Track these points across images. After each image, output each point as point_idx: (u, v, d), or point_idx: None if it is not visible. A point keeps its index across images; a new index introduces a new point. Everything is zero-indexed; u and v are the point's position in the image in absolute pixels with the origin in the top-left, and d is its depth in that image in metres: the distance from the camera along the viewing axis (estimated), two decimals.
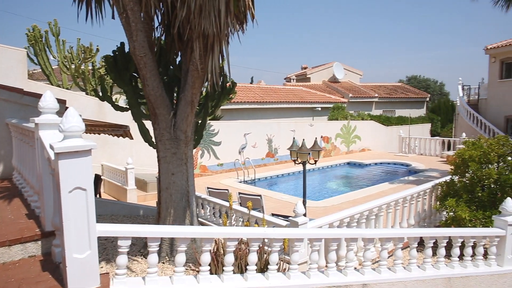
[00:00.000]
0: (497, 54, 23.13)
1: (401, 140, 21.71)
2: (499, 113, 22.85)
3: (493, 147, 8.04)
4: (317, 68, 31.91)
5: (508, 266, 5.57)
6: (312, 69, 32.23)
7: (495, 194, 7.77)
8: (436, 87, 44.65)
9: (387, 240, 4.72)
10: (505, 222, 5.45)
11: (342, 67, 31.33)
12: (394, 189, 12.45)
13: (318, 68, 31.74)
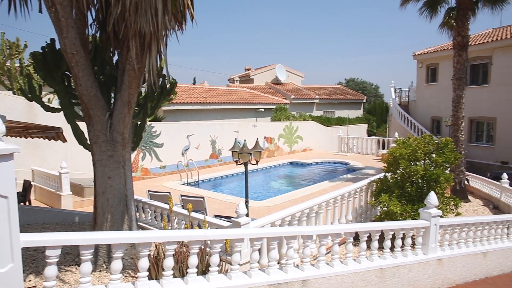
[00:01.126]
0: (424, 60, 25.07)
1: (340, 140, 22.69)
2: (426, 114, 24.78)
3: (420, 146, 8.71)
4: (260, 69, 32.35)
5: (432, 254, 6.06)
6: (256, 70, 32.61)
7: (422, 189, 8.41)
8: (372, 89, 47.31)
9: (325, 236, 4.92)
10: (429, 214, 5.92)
11: (285, 69, 32.06)
12: (333, 187, 12.99)
13: (261, 70, 32.18)
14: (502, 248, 7.36)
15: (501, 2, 13.62)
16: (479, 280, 6.97)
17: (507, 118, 19.88)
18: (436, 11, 14.88)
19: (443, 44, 23.91)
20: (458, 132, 14.05)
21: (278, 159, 20.36)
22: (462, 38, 14.00)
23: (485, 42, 20.97)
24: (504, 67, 20.02)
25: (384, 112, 31.08)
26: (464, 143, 15.89)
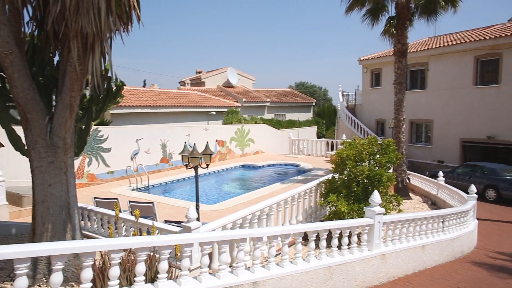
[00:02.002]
0: (368, 65, 26.34)
1: (291, 142, 23.15)
2: (372, 116, 26.03)
3: (365, 147, 9.13)
4: (212, 72, 32.20)
5: (376, 250, 6.37)
6: (207, 73, 32.42)
7: (367, 188, 8.81)
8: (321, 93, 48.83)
9: (274, 237, 4.99)
10: (373, 212, 6.23)
11: (236, 72, 32.17)
12: (285, 188, 13.20)
13: (212, 73, 32.04)
14: (438, 241, 7.91)
15: (435, 13, 14.65)
16: (419, 272, 7.44)
17: (442, 121, 21.41)
18: (378, 19, 15.66)
19: (386, 50, 25.24)
20: (399, 133, 14.89)
21: (230, 162, 20.35)
22: (401, 45, 14.88)
23: (422, 49, 22.46)
24: (439, 73, 21.57)
25: (333, 115, 32.19)
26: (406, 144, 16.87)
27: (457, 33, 25.04)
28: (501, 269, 8.04)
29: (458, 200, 11.50)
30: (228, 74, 31.32)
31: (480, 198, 15.17)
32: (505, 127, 18.52)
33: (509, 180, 15.19)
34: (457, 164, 19.43)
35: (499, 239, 10.61)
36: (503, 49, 18.62)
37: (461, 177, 16.76)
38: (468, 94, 20.13)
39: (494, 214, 13.51)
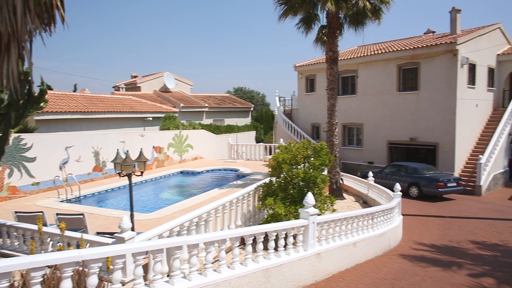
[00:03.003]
0: (303, 71, 27.35)
1: (230, 147, 23.21)
2: (307, 121, 27.02)
3: (299, 151, 9.44)
4: (148, 77, 31.27)
5: (311, 249, 6.61)
6: (143, 78, 31.40)
7: (303, 190, 9.11)
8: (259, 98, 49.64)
9: (211, 243, 4.97)
10: (307, 213, 6.46)
11: (173, 77, 31.57)
12: (224, 194, 13.19)
13: (149, 77, 31.12)
14: (368, 237, 8.42)
15: (362, 24, 15.63)
16: (351, 267, 7.85)
17: (371, 124, 22.86)
18: (311, 27, 16.31)
19: (319, 57, 26.38)
20: (333, 137, 15.62)
21: (168, 168, 19.88)
22: (333, 53, 15.67)
23: (352, 57, 23.84)
24: (367, 80, 23.04)
25: (271, 119, 32.85)
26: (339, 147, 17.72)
27: (382, 43, 26.99)
28: (422, 259, 8.76)
29: (386, 198, 12.32)
30: (165, 79, 30.64)
31: (404, 195, 16.42)
32: (424, 129, 20.27)
33: (428, 177, 16.63)
34: (385, 165, 20.83)
35: (420, 231, 11.56)
36: (420, 59, 20.40)
37: (388, 176, 18.00)
38: (393, 100, 21.73)
39: (417, 209, 14.69)
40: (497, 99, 23.19)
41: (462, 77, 19.35)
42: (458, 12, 21.74)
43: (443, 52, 19.43)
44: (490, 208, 15.24)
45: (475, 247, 10.15)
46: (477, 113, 21.21)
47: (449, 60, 19.30)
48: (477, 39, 20.73)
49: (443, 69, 19.52)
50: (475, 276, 7.75)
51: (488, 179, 18.65)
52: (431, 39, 22.06)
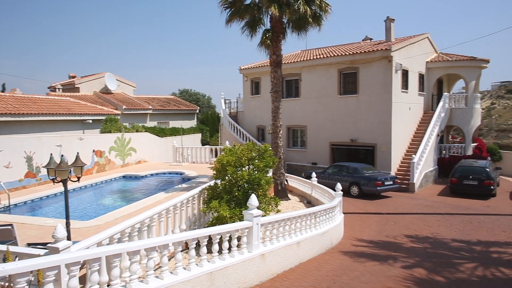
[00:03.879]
0: (249, 74, 27.60)
1: (175, 150, 22.77)
2: (253, 123, 27.29)
3: (244, 153, 9.51)
4: (88, 77, 29.73)
5: (256, 250, 6.68)
6: (82, 78, 29.80)
7: (248, 192, 9.19)
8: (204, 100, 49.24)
9: (152, 249, 4.84)
10: (251, 215, 6.53)
11: (115, 78, 30.33)
12: (168, 197, 12.89)
13: (88, 78, 29.60)
14: (311, 236, 8.69)
15: (304, 29, 16.10)
16: (295, 266, 8.05)
17: (314, 126, 23.63)
18: (256, 31, 16.49)
19: (264, 61, 26.76)
20: (277, 139, 15.91)
21: (110, 173, 19.04)
22: (276, 56, 15.98)
23: (296, 61, 24.50)
24: (310, 83, 23.79)
25: (216, 122, 32.75)
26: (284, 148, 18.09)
27: (324, 48, 28.03)
28: (361, 255, 9.22)
29: (328, 197, 12.78)
30: (106, 79, 29.34)
31: (346, 194, 17.17)
32: (363, 131, 21.36)
33: (367, 177, 17.54)
34: (328, 165, 21.62)
35: (360, 228, 12.16)
36: (359, 64, 21.49)
37: (331, 176, 18.70)
38: (335, 102, 22.65)
39: (357, 207, 15.42)
40: (427, 102, 25.05)
41: (396, 82, 20.67)
42: (392, 21, 23.20)
43: (379, 58, 20.63)
44: (422, 204, 16.41)
45: (409, 240, 10.88)
46: (410, 116, 22.76)
47: (384, 66, 20.53)
48: (409, 47, 22.27)
49: (379, 74, 20.71)
50: (408, 268, 8.31)
51: (420, 177, 20.07)
52: (368, 46, 23.31)
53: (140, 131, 23.31)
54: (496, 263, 8.76)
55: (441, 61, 25.10)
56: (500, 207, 15.93)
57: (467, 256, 9.42)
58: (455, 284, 7.43)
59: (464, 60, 24.81)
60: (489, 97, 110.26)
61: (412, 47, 22.63)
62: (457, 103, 24.99)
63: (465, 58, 24.90)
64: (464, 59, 24.90)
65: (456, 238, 11.09)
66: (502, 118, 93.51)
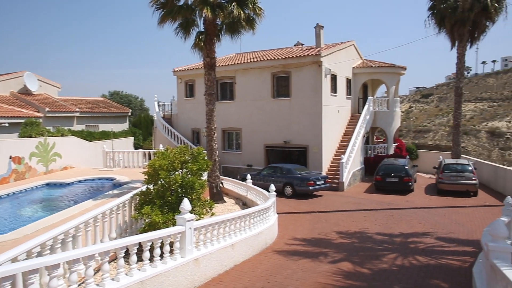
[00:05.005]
0: (183, 76, 27.16)
1: (105, 154, 21.65)
2: (188, 126, 26.89)
3: (177, 156, 9.34)
4: (3, 77, 27.11)
5: (189, 255, 6.59)
6: None
7: (181, 197, 9.02)
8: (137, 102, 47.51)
9: (75, 262, 4.55)
10: (184, 220, 6.43)
11: (36, 78, 28.02)
12: (97, 205, 12.21)
13: (3, 77, 26.99)
14: (246, 237, 8.79)
15: (238, 32, 16.25)
16: (230, 269, 8.08)
17: (249, 129, 23.93)
18: (189, 33, 16.28)
19: (198, 63, 26.45)
20: (212, 141, 15.86)
21: (31, 181, 17.54)
22: (210, 59, 15.94)
23: (230, 64, 24.64)
24: (245, 86, 24.07)
25: (150, 125, 31.77)
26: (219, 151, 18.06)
27: (258, 52, 28.55)
28: (295, 253, 9.53)
29: (263, 198, 13.02)
30: (26, 79, 26.99)
31: (281, 194, 17.66)
32: (296, 133, 22.11)
33: (300, 177, 18.16)
34: (263, 167, 22.01)
35: (294, 227, 12.55)
36: (291, 68, 22.22)
37: (266, 177, 19.05)
38: (268, 105, 23.15)
39: (291, 207, 15.90)
40: (354, 106, 26.64)
41: (326, 85, 21.70)
42: (321, 28, 24.35)
43: (310, 63, 21.52)
44: (350, 201, 17.39)
45: (339, 236, 11.47)
46: (339, 118, 24.01)
47: (315, 70, 21.45)
48: (337, 53, 23.53)
49: (310, 78, 21.59)
50: (337, 262, 8.76)
51: (349, 176, 21.25)
52: (300, 51, 24.20)
53: (66, 135, 21.83)
54: (413, 252, 9.58)
55: (365, 67, 26.88)
56: (417, 201, 17.45)
57: (389, 247, 10.17)
58: (378, 274, 7.99)
59: (385, 67, 26.83)
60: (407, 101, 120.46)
61: (340, 53, 23.93)
62: (380, 106, 26.90)
63: (386, 65, 26.93)
64: (385, 65, 26.92)
65: (380, 232, 11.92)
66: (419, 120, 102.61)
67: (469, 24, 22.31)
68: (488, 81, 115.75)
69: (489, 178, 21.82)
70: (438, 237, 11.31)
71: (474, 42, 23.63)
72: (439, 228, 12.37)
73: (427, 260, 8.96)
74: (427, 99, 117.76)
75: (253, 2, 15.57)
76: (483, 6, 21.64)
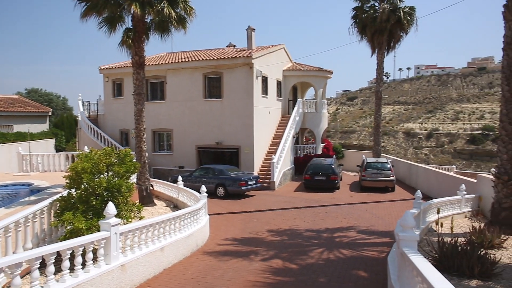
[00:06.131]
0: (110, 75, 25.85)
1: (21, 158, 19.83)
2: (116, 126, 25.63)
3: (102, 158, 8.87)
4: None
5: (115, 262, 6.31)
6: None
7: (107, 201, 8.60)
8: (59, 101, 44.21)
9: None
10: (108, 224, 6.13)
11: None
12: (10, 213, 11.11)
13: None
14: (176, 240, 8.63)
15: (168, 31, 15.90)
16: (159, 273, 7.88)
17: (180, 130, 23.52)
18: (115, 28, 15.52)
19: (127, 61, 25.38)
20: (141, 143, 15.34)
21: None
22: (139, 57, 15.40)
23: (161, 63, 24.01)
24: (176, 86, 23.62)
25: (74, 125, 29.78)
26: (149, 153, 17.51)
27: (190, 52, 28.18)
28: (225, 253, 9.57)
29: (194, 200, 12.88)
30: None
31: (213, 195, 17.62)
32: (228, 134, 22.22)
33: (232, 178, 18.28)
34: (195, 168, 21.77)
35: (225, 228, 12.60)
36: (223, 69, 22.28)
37: (198, 179, 18.85)
38: (200, 106, 22.97)
39: (223, 208, 15.94)
40: (284, 107, 27.49)
41: (257, 87, 22.10)
42: (253, 30, 24.75)
43: (242, 64, 21.76)
44: (281, 200, 17.91)
45: (270, 235, 11.74)
46: (270, 119, 24.60)
47: (246, 72, 21.74)
48: (268, 56, 24.09)
49: (242, 79, 21.84)
50: (267, 260, 8.97)
51: (280, 176, 21.87)
52: (232, 52, 24.36)
53: None
54: (338, 246, 10.17)
55: (295, 70, 27.89)
56: (342, 198, 18.52)
57: (316, 243, 10.67)
58: (306, 269, 8.34)
59: (314, 70, 28.09)
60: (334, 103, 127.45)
61: (270, 55, 24.53)
62: (309, 108, 28.08)
63: (314, 69, 28.21)
64: (313, 69, 28.18)
65: (308, 228, 12.45)
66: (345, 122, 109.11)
67: (387, 33, 24.25)
68: (404, 86, 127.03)
69: (405, 175, 23.90)
70: (360, 230, 12.11)
71: (391, 50, 25.75)
72: (361, 222, 13.25)
73: (350, 253, 9.57)
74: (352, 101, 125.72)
75: (184, 1, 15.38)
76: (397, 18, 23.67)
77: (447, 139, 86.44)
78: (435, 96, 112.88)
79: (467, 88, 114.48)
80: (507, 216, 10.72)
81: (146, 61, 16.08)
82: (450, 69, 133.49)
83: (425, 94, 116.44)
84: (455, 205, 12.69)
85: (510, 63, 10.81)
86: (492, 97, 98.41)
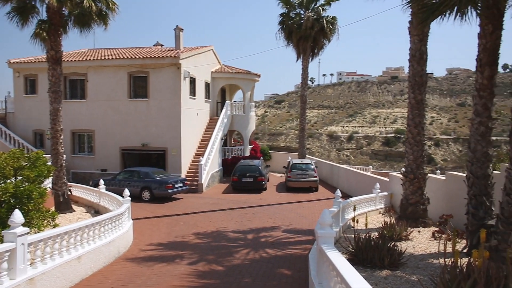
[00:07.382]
0: (21, 70, 23.57)
1: None
2: (28, 127, 23.41)
3: (8, 161, 8.08)
4: None
5: (22, 276, 5.75)
6: None
7: (14, 208, 7.84)
8: None
9: None
10: (14, 235, 5.58)
11: None
12: None
13: None
14: (95, 248, 8.14)
15: (88, 26, 14.98)
16: (75, 285, 7.36)
17: (103, 131, 22.26)
18: (28, 20, 14.33)
19: (42, 55, 23.38)
20: (58, 144, 14.27)
21: None
22: (55, 52, 14.34)
23: (81, 60, 22.51)
24: (98, 85, 22.31)
25: None
26: (67, 155, 16.31)
27: (114, 49, 26.82)
28: (150, 259, 9.26)
29: (117, 204, 12.27)
30: None
31: (138, 199, 16.96)
32: (155, 135, 21.55)
33: (159, 180, 17.76)
34: (118, 171, 20.75)
35: (150, 232, 12.19)
36: (149, 68, 21.58)
37: (122, 182, 17.98)
38: (125, 106, 21.96)
39: (148, 212, 15.41)
40: (212, 109, 27.43)
41: (185, 88, 21.76)
42: (181, 30, 24.34)
43: (169, 64, 21.26)
44: (209, 202, 17.82)
45: (196, 238, 11.62)
46: (198, 121, 24.37)
47: (174, 72, 21.29)
48: (196, 57, 23.85)
49: (169, 80, 21.34)
50: (193, 263, 8.86)
51: (208, 178, 21.75)
52: (159, 52, 23.68)
53: None
54: (263, 246, 10.40)
55: (223, 72, 27.99)
56: (269, 199, 18.99)
57: (242, 244, 10.80)
58: (231, 270, 8.40)
59: (241, 73, 28.46)
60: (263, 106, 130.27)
61: (199, 56, 24.32)
62: (237, 110, 28.36)
63: (242, 71, 28.60)
64: (241, 72, 28.55)
65: (235, 230, 12.55)
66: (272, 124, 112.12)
67: (311, 40, 25.43)
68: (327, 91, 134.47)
69: (327, 175, 25.26)
70: (285, 229, 12.53)
71: (315, 56, 27.04)
72: (286, 221, 13.71)
73: (275, 252, 9.84)
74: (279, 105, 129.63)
75: None
76: (321, 26, 24.96)
77: (366, 141, 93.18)
78: (355, 101, 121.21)
79: (382, 94, 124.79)
80: (413, 211, 11.89)
81: (65, 56, 15.03)
82: (368, 76, 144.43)
83: (346, 99, 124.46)
84: (370, 202, 13.75)
85: (415, 73, 12.04)
86: (403, 104, 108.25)
